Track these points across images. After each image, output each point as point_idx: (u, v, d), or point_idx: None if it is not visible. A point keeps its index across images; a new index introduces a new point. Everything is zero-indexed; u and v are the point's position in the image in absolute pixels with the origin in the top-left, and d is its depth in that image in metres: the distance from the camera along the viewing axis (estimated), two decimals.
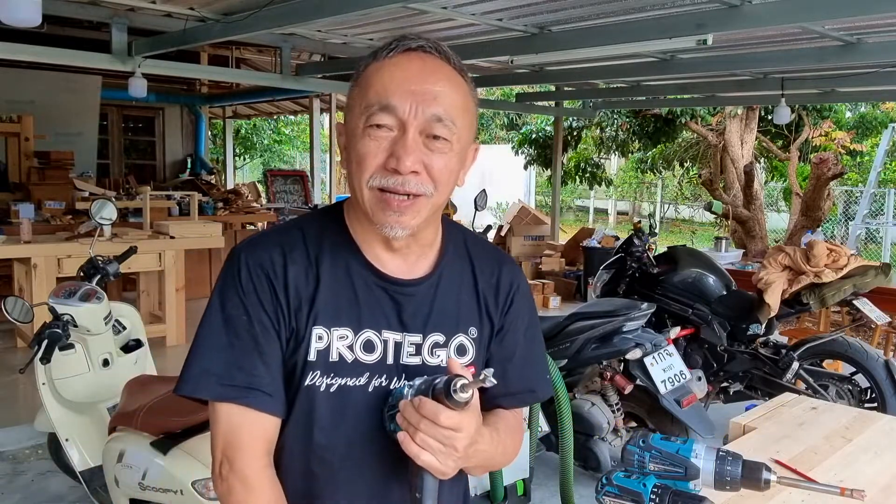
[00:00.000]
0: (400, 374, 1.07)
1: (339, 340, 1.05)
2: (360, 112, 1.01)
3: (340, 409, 1.05)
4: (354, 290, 1.06)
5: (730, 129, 9.15)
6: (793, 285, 4.01)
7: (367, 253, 1.08)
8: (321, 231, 1.09)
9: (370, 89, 1.01)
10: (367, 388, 1.06)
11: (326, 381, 1.04)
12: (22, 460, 3.85)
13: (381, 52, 1.03)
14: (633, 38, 4.46)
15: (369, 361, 1.06)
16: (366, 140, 1.00)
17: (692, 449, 1.12)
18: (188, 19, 4.89)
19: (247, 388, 1.01)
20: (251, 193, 10.79)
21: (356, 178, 1.01)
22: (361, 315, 1.06)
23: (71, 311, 2.92)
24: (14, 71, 8.67)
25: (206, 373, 1.01)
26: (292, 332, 1.04)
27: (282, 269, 1.04)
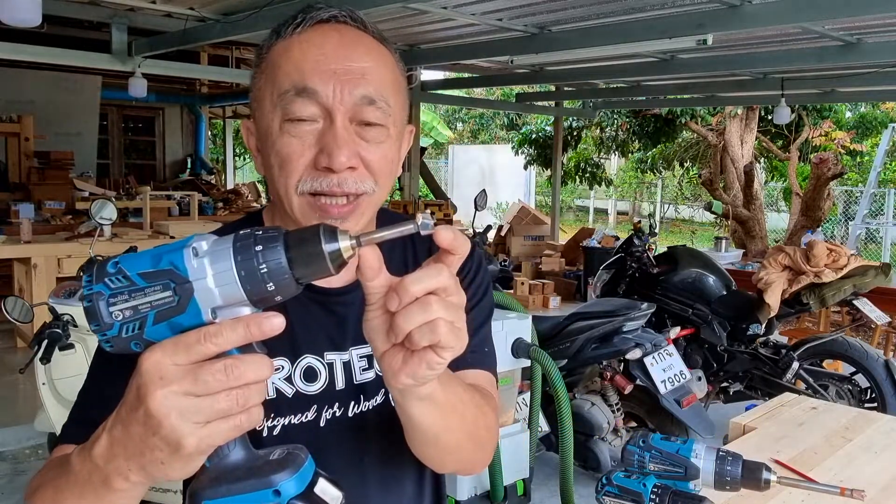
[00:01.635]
0: (357, 395, 0.91)
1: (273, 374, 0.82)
2: (273, 104, 0.82)
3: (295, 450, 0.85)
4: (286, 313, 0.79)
5: (730, 129, 9.15)
6: (793, 285, 4.01)
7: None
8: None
9: (280, 72, 0.82)
10: (317, 422, 0.89)
11: (267, 425, 0.87)
12: (22, 460, 3.86)
13: (287, 28, 0.86)
14: (633, 38, 4.46)
15: (313, 392, 0.89)
16: (285, 138, 0.82)
17: (692, 449, 1.12)
18: (188, 19, 4.89)
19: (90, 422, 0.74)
20: (251, 193, 10.79)
21: (280, 185, 0.83)
22: (297, 340, 0.89)
23: (71, 311, 2.92)
24: (14, 71, 8.67)
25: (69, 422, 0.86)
26: None
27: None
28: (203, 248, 0.58)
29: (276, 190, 0.86)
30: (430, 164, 12.90)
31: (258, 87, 0.86)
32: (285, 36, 0.86)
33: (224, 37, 5.02)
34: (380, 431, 0.92)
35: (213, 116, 13.64)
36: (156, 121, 12.68)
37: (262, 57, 0.87)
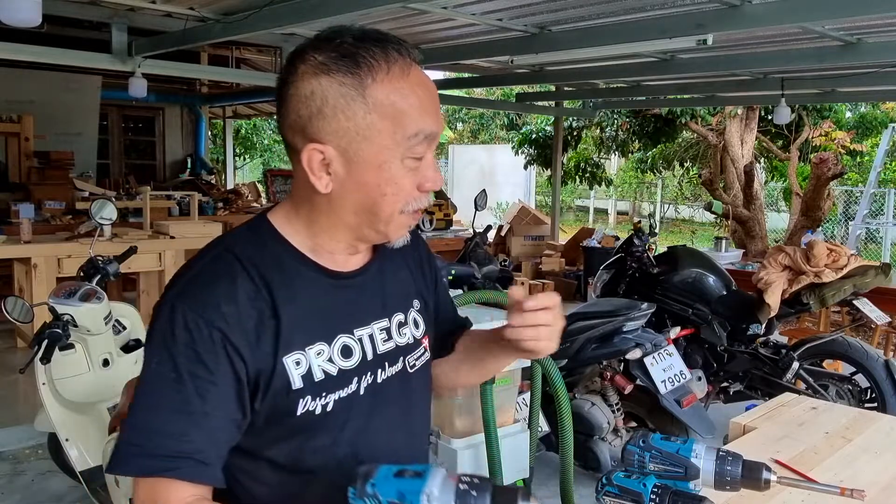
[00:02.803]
0: (382, 363, 1.07)
1: (316, 357, 0.99)
2: (397, 142, 0.95)
3: (341, 424, 1.02)
4: (314, 300, 1.01)
5: (730, 129, 9.15)
6: (793, 285, 4.01)
7: (317, 258, 1.03)
8: (261, 255, 0.99)
9: (408, 118, 0.95)
10: (358, 392, 1.03)
11: (318, 403, 0.99)
12: (22, 460, 3.86)
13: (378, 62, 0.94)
14: (633, 38, 4.46)
15: (350, 366, 1.02)
16: (406, 171, 0.97)
17: (692, 449, 1.12)
18: (188, 19, 4.89)
19: (175, 457, 0.89)
20: (251, 193, 10.79)
21: (388, 205, 0.98)
22: (330, 323, 1.02)
23: (71, 311, 2.92)
24: (14, 71, 8.66)
25: (133, 446, 0.91)
26: (259, 373, 0.94)
27: (231, 312, 0.93)
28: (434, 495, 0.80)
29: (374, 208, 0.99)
30: None
31: (365, 123, 0.94)
32: (390, 70, 0.95)
33: (224, 37, 5.02)
34: (400, 391, 1.10)
35: (213, 116, 13.63)
36: (156, 121, 12.68)
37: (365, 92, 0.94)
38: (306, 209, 1.03)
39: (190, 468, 0.90)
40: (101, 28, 5.90)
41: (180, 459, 0.89)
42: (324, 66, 0.94)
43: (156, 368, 0.93)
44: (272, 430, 0.98)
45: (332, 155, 0.96)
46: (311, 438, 1.00)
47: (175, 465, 0.89)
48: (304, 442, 1.00)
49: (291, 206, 1.05)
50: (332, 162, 0.96)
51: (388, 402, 1.07)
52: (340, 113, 0.94)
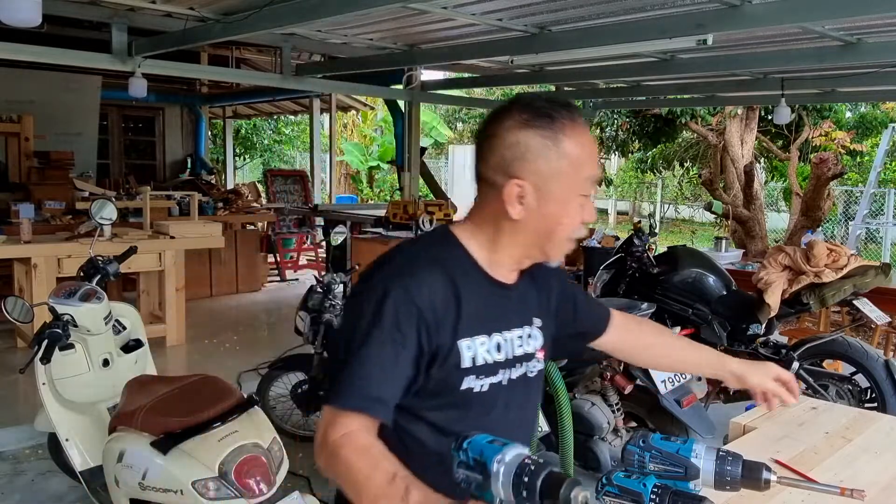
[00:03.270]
0: (515, 364, 1.33)
1: (480, 347, 1.27)
2: (577, 185, 1.24)
3: (490, 404, 1.29)
4: (484, 301, 1.28)
5: (730, 129, 9.14)
6: (793, 285, 4.01)
7: (490, 271, 1.31)
8: (454, 260, 1.29)
9: (584, 166, 1.24)
10: (502, 382, 1.31)
11: (479, 383, 1.27)
12: (22, 460, 3.86)
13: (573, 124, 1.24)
14: (633, 38, 4.46)
15: (501, 360, 1.30)
16: (577, 207, 1.26)
17: (692, 449, 1.12)
18: (188, 19, 4.89)
19: (374, 399, 1.18)
20: (251, 193, 10.77)
21: (561, 234, 1.27)
22: (491, 322, 1.29)
23: (71, 311, 2.92)
24: (14, 71, 8.66)
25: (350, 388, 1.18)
26: (438, 348, 1.22)
27: (427, 295, 1.21)
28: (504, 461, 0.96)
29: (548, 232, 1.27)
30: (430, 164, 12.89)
31: (556, 165, 1.23)
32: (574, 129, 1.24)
33: (224, 37, 5.02)
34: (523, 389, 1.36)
35: (213, 116, 13.63)
36: (156, 121, 12.68)
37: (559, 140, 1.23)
38: (491, 230, 1.30)
39: (379, 409, 1.19)
40: (101, 28, 5.90)
41: (376, 402, 1.18)
42: (528, 122, 1.22)
43: (367, 331, 1.19)
44: (437, 396, 1.25)
45: (529, 190, 1.23)
46: (466, 411, 1.27)
47: (372, 406, 1.18)
48: (461, 412, 1.27)
49: (474, 225, 1.32)
50: (527, 195, 1.23)
51: (516, 396, 1.34)
52: (540, 157, 1.22)
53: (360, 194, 17.84)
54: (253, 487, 2.31)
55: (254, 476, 2.32)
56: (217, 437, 2.36)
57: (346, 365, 1.19)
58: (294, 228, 9.82)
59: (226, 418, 2.40)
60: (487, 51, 5.65)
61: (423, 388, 1.24)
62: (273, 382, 4.19)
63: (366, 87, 7.76)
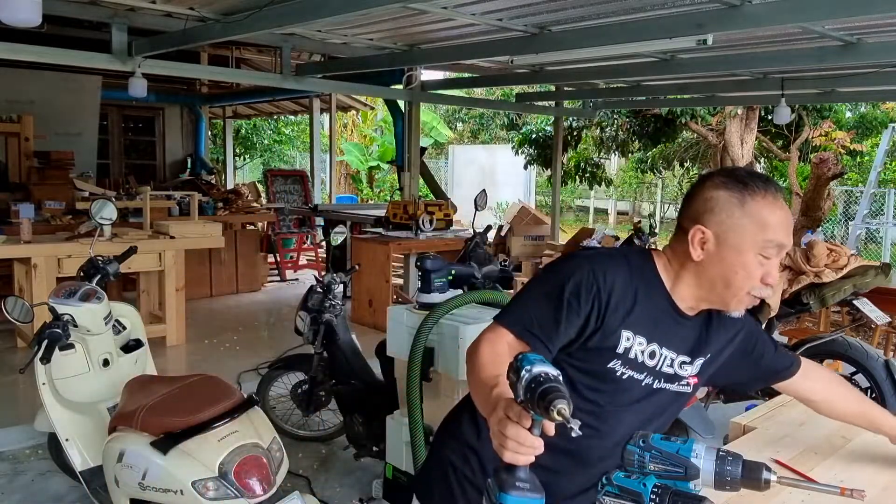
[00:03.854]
0: (660, 378, 1.52)
1: (638, 345, 1.46)
2: (756, 244, 1.39)
3: (624, 390, 1.48)
4: (656, 314, 1.48)
5: (730, 129, 9.14)
6: (793, 285, 4.01)
7: (672, 296, 1.49)
8: (641, 270, 1.49)
9: (769, 229, 1.38)
10: (641, 382, 1.50)
11: (622, 370, 1.46)
12: (22, 460, 3.85)
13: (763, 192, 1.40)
14: (633, 38, 4.45)
15: (650, 365, 1.49)
16: (757, 266, 1.40)
17: (692, 449, 1.12)
18: (188, 19, 4.89)
19: (535, 336, 1.40)
20: (251, 193, 10.78)
21: (738, 284, 1.42)
22: (656, 333, 1.48)
23: (71, 311, 2.92)
24: (14, 71, 8.66)
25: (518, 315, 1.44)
26: (603, 325, 1.42)
27: (611, 280, 1.43)
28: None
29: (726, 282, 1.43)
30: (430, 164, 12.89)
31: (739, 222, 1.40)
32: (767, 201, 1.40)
33: (224, 37, 5.01)
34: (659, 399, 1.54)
35: (213, 116, 13.63)
36: (156, 121, 12.68)
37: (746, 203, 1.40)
38: (678, 265, 1.50)
39: (539, 345, 1.40)
40: (101, 28, 5.90)
41: (538, 339, 1.41)
42: (723, 183, 1.42)
43: (556, 284, 1.43)
44: (585, 361, 1.46)
45: (710, 237, 1.42)
46: (604, 384, 1.48)
47: (533, 340, 1.41)
48: (596, 382, 1.48)
49: (671, 258, 1.51)
50: (708, 241, 1.42)
51: (651, 402, 1.53)
52: (724, 211, 1.41)
53: (360, 194, 17.84)
54: (253, 487, 2.31)
55: (254, 476, 2.32)
56: (217, 437, 2.36)
57: (526, 298, 1.47)
58: (294, 228, 9.82)
59: (226, 418, 2.40)
60: (487, 51, 5.64)
61: (578, 350, 1.45)
62: (273, 382, 4.19)
63: (366, 87, 7.75)
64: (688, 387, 1.57)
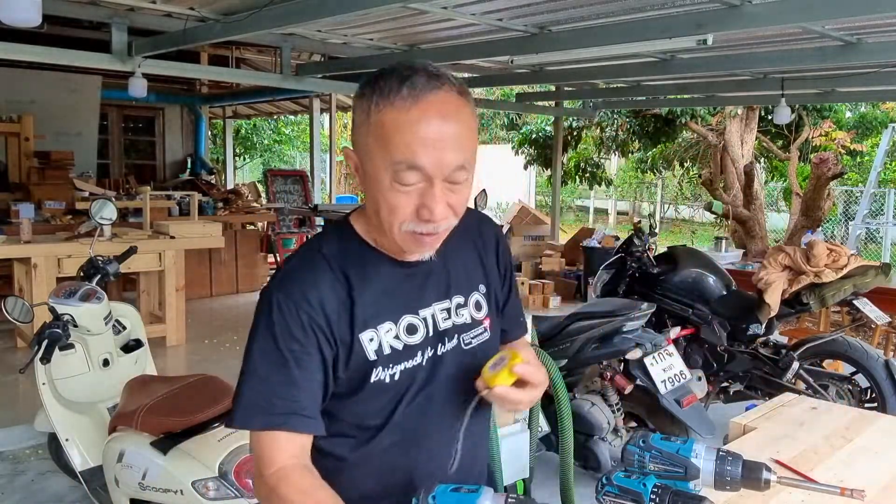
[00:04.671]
0: (442, 339, 1.24)
1: (386, 335, 1.18)
2: (385, 165, 1.07)
3: (402, 390, 1.20)
4: (383, 286, 1.19)
5: (730, 129, 9.15)
6: (793, 285, 4.01)
7: (388, 252, 1.20)
8: (342, 250, 1.20)
9: (392, 146, 1.06)
10: (421, 363, 1.22)
11: (389, 373, 1.18)
12: (22, 460, 3.86)
13: (392, 95, 1.06)
14: (633, 38, 4.46)
15: (415, 341, 1.21)
16: (394, 193, 1.08)
17: (692, 449, 1.12)
18: (188, 19, 4.89)
19: (286, 414, 1.11)
20: (251, 193, 10.79)
21: (387, 221, 1.11)
22: (396, 305, 1.20)
23: (71, 311, 2.92)
24: (14, 71, 8.67)
25: (251, 406, 1.13)
26: (340, 345, 1.15)
27: (314, 298, 1.14)
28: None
29: (380, 220, 1.12)
30: None
31: (367, 141, 1.09)
32: (394, 104, 1.05)
33: (224, 37, 5.01)
34: (456, 365, 1.25)
35: (213, 116, 13.64)
36: (156, 121, 12.68)
37: (370, 114, 1.08)
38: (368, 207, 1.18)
39: (298, 421, 1.12)
40: (101, 28, 5.90)
41: (291, 416, 1.12)
42: (361, 89, 1.11)
43: (262, 345, 1.14)
44: (351, 394, 1.18)
45: (357, 161, 1.14)
46: (378, 401, 1.19)
47: (287, 420, 1.11)
48: (374, 403, 1.19)
49: (365, 207, 1.21)
50: (359, 167, 1.14)
51: (445, 373, 1.24)
52: (356, 129, 1.12)
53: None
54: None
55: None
56: (217, 437, 2.37)
57: (248, 377, 1.14)
58: (294, 228, 9.82)
59: (226, 418, 2.40)
60: (487, 51, 5.64)
61: (337, 390, 1.18)
62: None
63: None
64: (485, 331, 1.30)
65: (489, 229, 1.36)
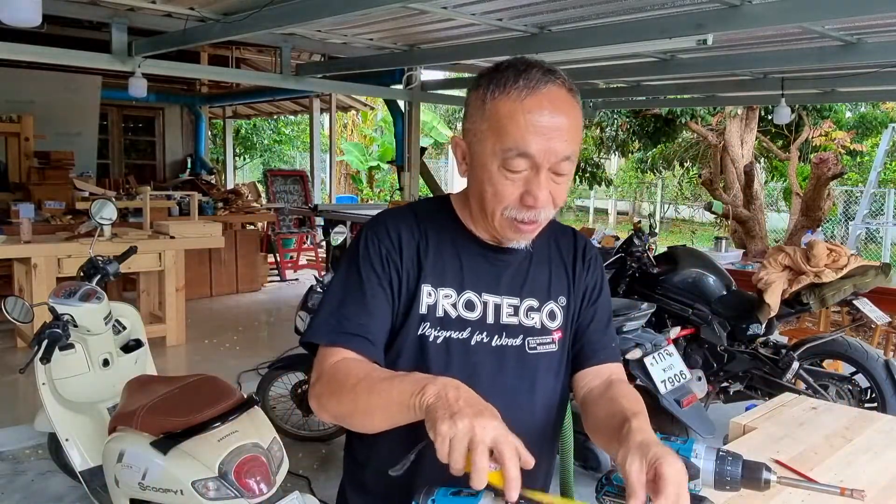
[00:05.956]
0: (500, 331, 1.25)
1: (444, 299, 1.22)
2: (495, 151, 1.12)
3: (446, 357, 1.22)
4: (458, 257, 1.24)
5: (730, 129, 9.15)
6: (793, 285, 4.01)
7: (477, 231, 1.25)
8: (431, 213, 1.28)
9: (505, 134, 1.11)
10: (469, 341, 1.23)
11: (434, 333, 1.22)
12: (22, 460, 3.85)
13: (509, 86, 1.11)
14: (633, 38, 4.46)
15: (471, 318, 1.23)
16: (502, 179, 1.13)
17: (692, 449, 1.12)
18: (188, 19, 4.89)
19: (352, 334, 1.17)
20: (251, 193, 10.78)
21: (490, 206, 1.16)
22: (464, 278, 1.24)
23: (71, 311, 2.92)
24: (14, 71, 8.66)
25: (322, 324, 1.20)
26: (407, 289, 1.22)
27: (396, 241, 1.22)
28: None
29: (483, 204, 1.18)
30: (430, 164, 12.89)
31: (478, 129, 1.15)
32: (509, 95, 1.11)
33: (224, 37, 5.02)
34: (515, 364, 1.26)
35: (213, 116, 13.63)
36: (156, 121, 12.68)
37: (486, 102, 1.14)
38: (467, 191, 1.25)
39: (360, 343, 1.17)
40: (101, 28, 5.91)
41: (357, 337, 1.17)
42: (477, 80, 1.18)
43: (344, 272, 1.23)
44: (398, 340, 1.22)
45: (465, 148, 1.20)
46: (424, 360, 1.21)
47: (352, 340, 1.17)
48: (419, 361, 1.21)
49: (466, 190, 1.26)
50: (466, 154, 1.20)
51: (498, 366, 1.25)
52: (469, 117, 1.18)
53: (360, 194, 17.83)
54: (253, 487, 2.30)
55: (254, 476, 2.32)
56: (217, 437, 2.36)
57: (329, 298, 1.23)
58: (294, 228, 9.82)
59: (226, 418, 2.40)
60: (487, 51, 5.65)
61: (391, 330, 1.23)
62: (273, 382, 4.19)
63: (366, 87, 7.76)
64: (552, 344, 1.29)
65: (585, 248, 1.37)
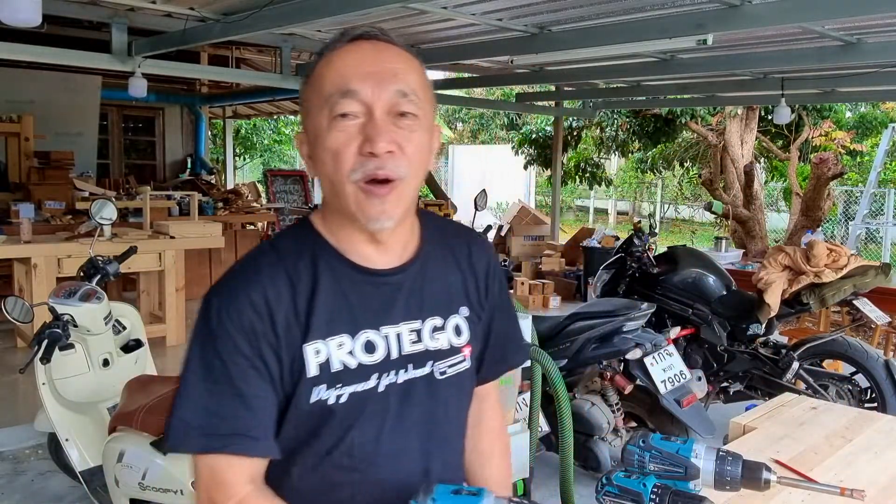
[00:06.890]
0: (405, 364, 1.06)
1: (337, 350, 1.01)
2: (321, 106, 0.98)
3: (352, 417, 1.03)
4: (344, 294, 1.03)
5: (730, 129, 9.15)
6: (793, 285, 4.01)
7: (349, 254, 1.05)
8: (296, 244, 1.05)
9: (325, 81, 0.98)
10: (376, 389, 1.04)
11: (335, 393, 1.01)
12: (22, 460, 3.85)
13: (328, 47, 1.01)
14: (633, 38, 4.46)
15: (373, 362, 1.03)
16: (334, 133, 0.97)
17: (692, 449, 1.12)
18: (188, 19, 4.89)
19: (229, 435, 0.97)
20: (251, 193, 10.78)
21: (335, 175, 0.99)
22: (356, 317, 1.03)
23: (71, 311, 2.92)
24: (14, 71, 8.66)
25: (188, 426, 0.97)
26: (288, 357, 1.00)
27: (262, 305, 0.98)
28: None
29: (330, 182, 1.00)
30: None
31: (308, 98, 1.02)
32: (327, 53, 1.01)
33: (224, 37, 5.02)
34: (426, 396, 1.08)
35: (213, 116, 13.63)
36: (156, 121, 12.67)
37: (310, 72, 1.02)
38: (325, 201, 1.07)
39: (241, 443, 0.97)
40: (101, 28, 5.90)
41: (236, 437, 0.97)
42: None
43: (201, 358, 0.99)
44: (290, 412, 1.01)
45: (304, 138, 1.05)
46: (322, 427, 1.02)
47: (230, 442, 0.96)
48: (316, 430, 1.02)
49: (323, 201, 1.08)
50: (309, 147, 1.04)
51: (410, 404, 1.07)
52: (303, 104, 1.05)
53: None
54: None
55: None
56: None
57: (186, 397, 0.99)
58: None
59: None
60: (487, 51, 5.65)
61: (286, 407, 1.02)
62: None
63: None
64: (465, 361, 1.13)
65: (480, 251, 1.19)
